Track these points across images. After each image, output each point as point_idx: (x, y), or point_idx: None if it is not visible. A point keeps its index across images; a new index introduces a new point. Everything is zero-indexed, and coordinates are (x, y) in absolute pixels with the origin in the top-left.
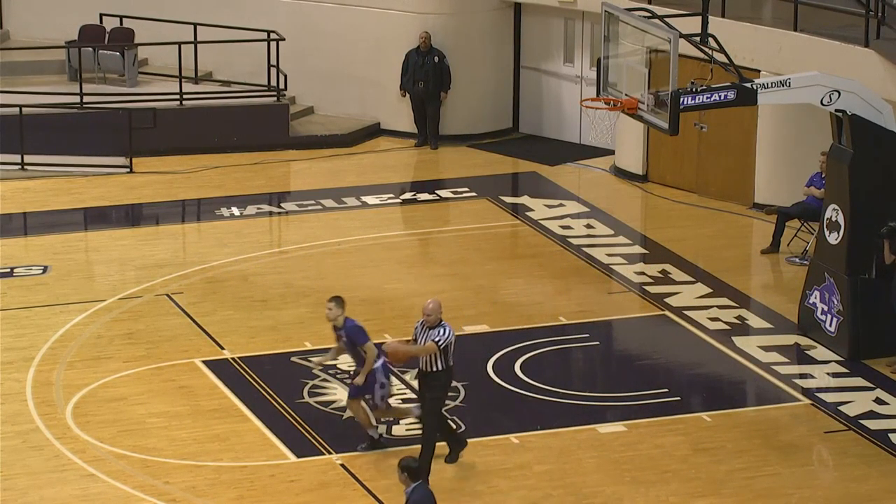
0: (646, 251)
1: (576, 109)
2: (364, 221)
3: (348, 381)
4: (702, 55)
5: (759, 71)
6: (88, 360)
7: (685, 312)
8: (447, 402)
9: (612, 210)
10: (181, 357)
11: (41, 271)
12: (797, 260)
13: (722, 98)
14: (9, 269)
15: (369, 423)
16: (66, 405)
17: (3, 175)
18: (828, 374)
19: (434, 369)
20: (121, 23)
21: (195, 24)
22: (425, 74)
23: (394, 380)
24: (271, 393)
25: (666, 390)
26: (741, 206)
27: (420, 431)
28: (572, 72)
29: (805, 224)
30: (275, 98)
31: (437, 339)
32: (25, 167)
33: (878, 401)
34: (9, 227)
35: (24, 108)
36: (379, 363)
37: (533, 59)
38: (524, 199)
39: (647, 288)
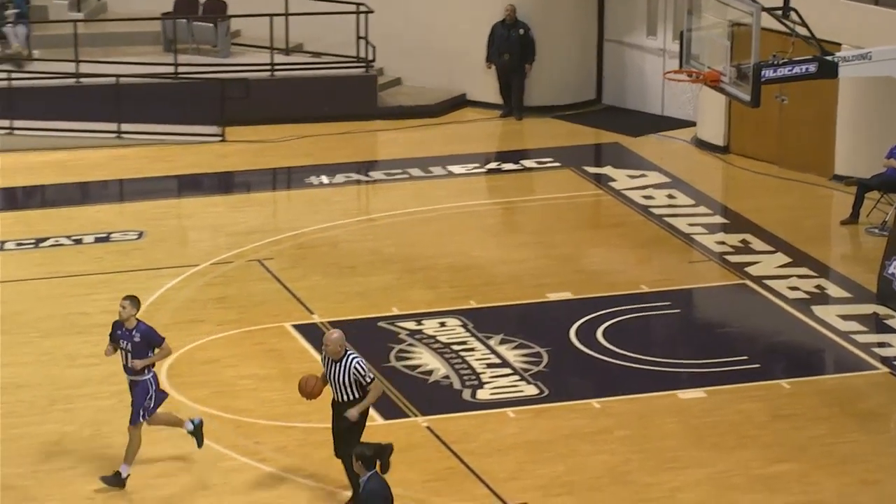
0: (726, 221)
1: (658, 81)
2: (450, 190)
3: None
4: (783, 29)
5: (840, 44)
6: (182, 324)
7: (765, 281)
8: None
9: (694, 181)
10: (272, 321)
11: (137, 236)
12: (876, 231)
13: (803, 71)
14: (106, 235)
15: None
16: (160, 366)
17: (100, 143)
18: None
19: (348, 398)
20: None
21: None
22: (510, 47)
23: (477, 345)
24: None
25: (746, 358)
26: (821, 178)
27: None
28: (655, 44)
29: (885, 195)
30: (363, 69)
31: (367, 378)
32: (122, 136)
33: None
34: (105, 194)
35: (120, 79)
36: (150, 375)
37: (616, 32)
38: (607, 170)
39: (727, 257)
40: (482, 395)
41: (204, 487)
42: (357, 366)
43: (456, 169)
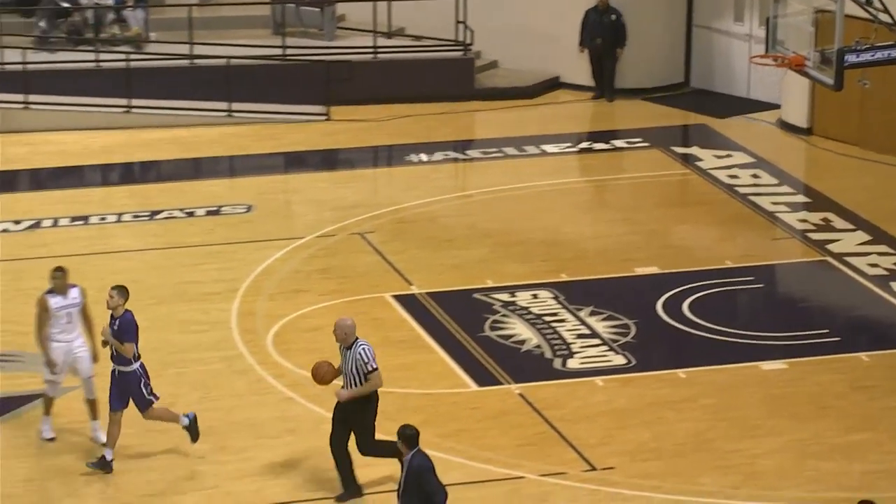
0: (809, 200)
1: (744, 66)
2: (543, 168)
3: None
4: (866, 16)
5: None
6: (287, 293)
7: (845, 258)
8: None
9: (778, 161)
10: (372, 291)
11: (246, 210)
12: None
13: (885, 56)
14: (216, 208)
15: (113, 443)
16: (266, 333)
17: (212, 121)
18: None
19: (352, 387)
20: None
21: None
22: (603, 31)
23: (568, 317)
24: (455, 326)
25: (826, 331)
26: None
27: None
28: (742, 30)
29: None
30: (462, 52)
31: (371, 366)
32: (232, 114)
33: None
34: (217, 170)
35: (231, 60)
36: (136, 364)
37: (705, 18)
38: (694, 150)
39: (809, 234)
40: (572, 364)
41: (312, 448)
42: (362, 352)
43: (549, 148)
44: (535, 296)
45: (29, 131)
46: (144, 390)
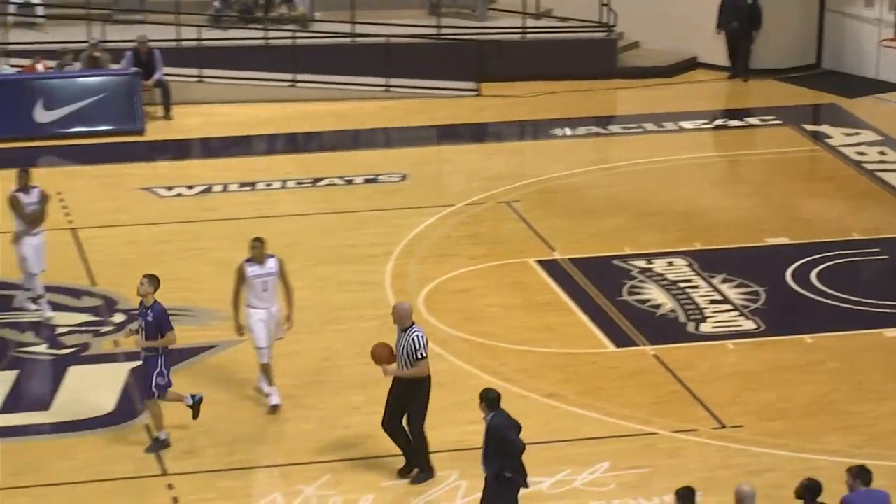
0: None
1: (874, 48)
2: (680, 143)
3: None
4: None
5: None
6: (438, 257)
7: None
8: None
9: None
10: (517, 256)
11: (400, 178)
12: None
13: None
14: (374, 176)
15: (160, 425)
16: (418, 294)
17: (370, 96)
18: None
19: (406, 369)
20: None
21: None
22: (739, 15)
23: (701, 283)
24: (594, 290)
25: None
26: None
27: None
28: (872, 14)
29: None
30: (605, 33)
31: (421, 354)
32: (389, 89)
33: None
34: (374, 140)
35: (390, 39)
36: (161, 355)
37: (837, 3)
38: (824, 128)
39: None
40: (704, 328)
41: (459, 402)
42: (416, 338)
43: (686, 124)
44: (670, 263)
45: (202, 103)
46: (154, 380)
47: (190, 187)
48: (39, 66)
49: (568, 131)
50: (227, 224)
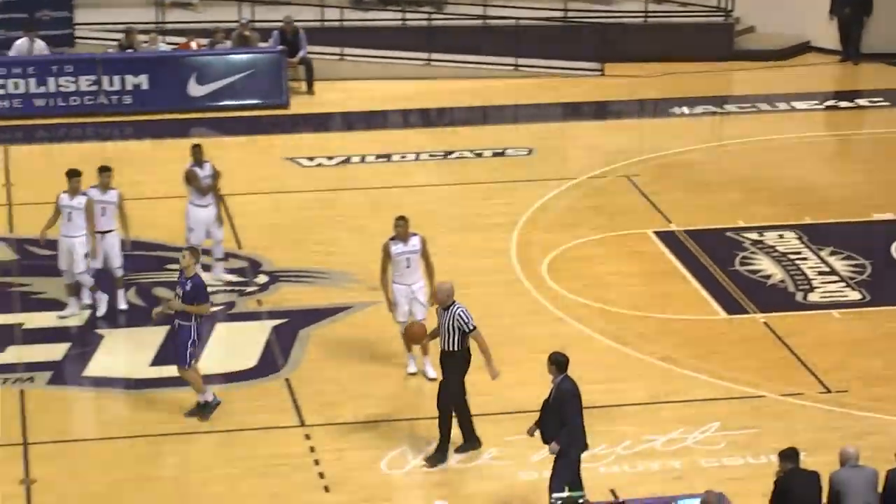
0: None
1: None
2: (792, 123)
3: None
4: None
5: None
6: (561, 226)
7: None
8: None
9: None
10: (636, 228)
11: (527, 153)
12: None
13: None
14: (502, 150)
15: (201, 388)
16: (542, 261)
17: (500, 74)
18: None
19: (451, 349)
20: None
21: None
22: (851, 2)
23: (810, 255)
24: (708, 261)
25: None
26: None
27: None
28: None
29: None
30: (723, 18)
31: (470, 327)
32: (518, 68)
33: None
34: (502, 116)
35: (519, 21)
36: (194, 323)
37: None
38: None
39: None
40: (812, 297)
41: (577, 363)
42: (460, 314)
43: (798, 105)
44: (780, 236)
45: (343, 80)
46: (189, 348)
47: (330, 158)
48: (193, 44)
49: (686, 110)
50: (364, 193)
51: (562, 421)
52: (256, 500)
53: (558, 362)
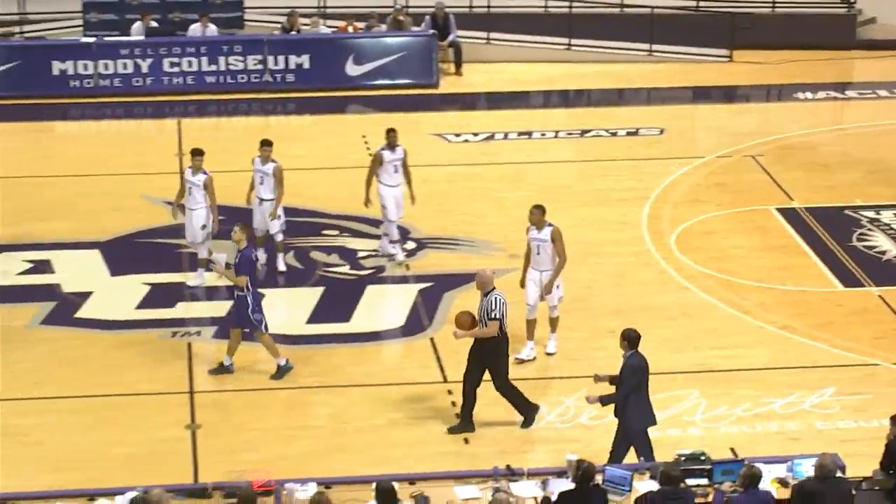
0: None
1: None
2: None
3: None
4: None
5: None
6: (689, 202)
7: None
8: None
9: None
10: (759, 204)
11: (658, 132)
12: None
13: None
14: (635, 130)
15: (276, 352)
16: (670, 234)
17: (635, 59)
18: None
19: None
20: None
21: None
22: None
23: None
24: (827, 236)
25: None
26: None
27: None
28: None
29: None
30: (846, 9)
31: (494, 315)
32: (652, 53)
33: None
34: (636, 98)
35: (654, 9)
36: (248, 293)
37: None
38: None
39: None
40: None
41: (703, 330)
42: (493, 300)
43: None
44: None
45: (489, 62)
46: (253, 318)
47: (475, 134)
48: (351, 28)
49: (808, 95)
50: (506, 168)
51: (620, 390)
52: (400, 450)
53: (630, 338)
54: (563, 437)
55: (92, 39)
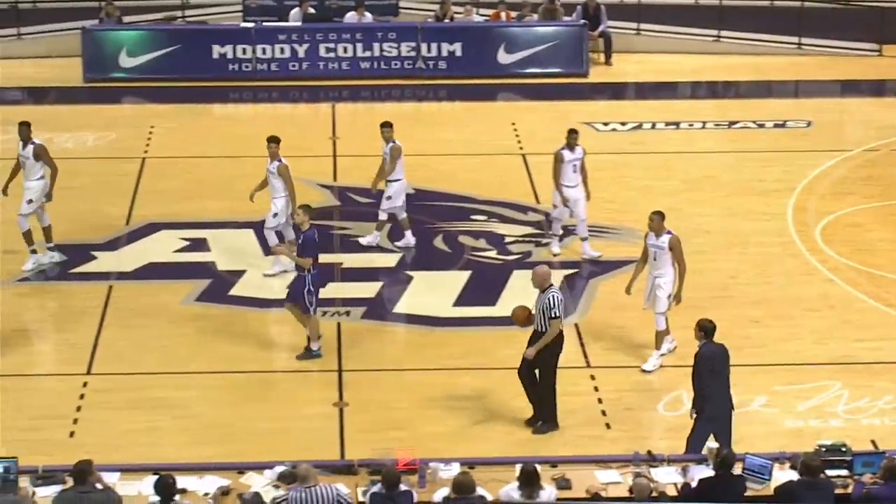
0: None
1: None
2: None
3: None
4: None
5: None
6: (834, 194)
7: None
8: None
9: None
10: None
11: (806, 125)
12: None
13: None
14: (782, 122)
15: (315, 336)
16: (815, 226)
17: (783, 52)
18: None
19: (543, 330)
20: None
21: None
22: None
23: None
24: None
25: None
26: None
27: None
28: None
29: None
30: None
31: (554, 313)
32: (801, 47)
33: None
34: (784, 90)
35: (804, 3)
36: (309, 275)
37: None
38: None
39: None
40: None
41: (845, 321)
42: (551, 298)
43: None
44: None
45: (638, 52)
46: (307, 297)
47: (623, 124)
48: (503, 15)
49: None
50: (653, 157)
51: (693, 380)
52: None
53: (705, 328)
54: None
55: (251, 25)
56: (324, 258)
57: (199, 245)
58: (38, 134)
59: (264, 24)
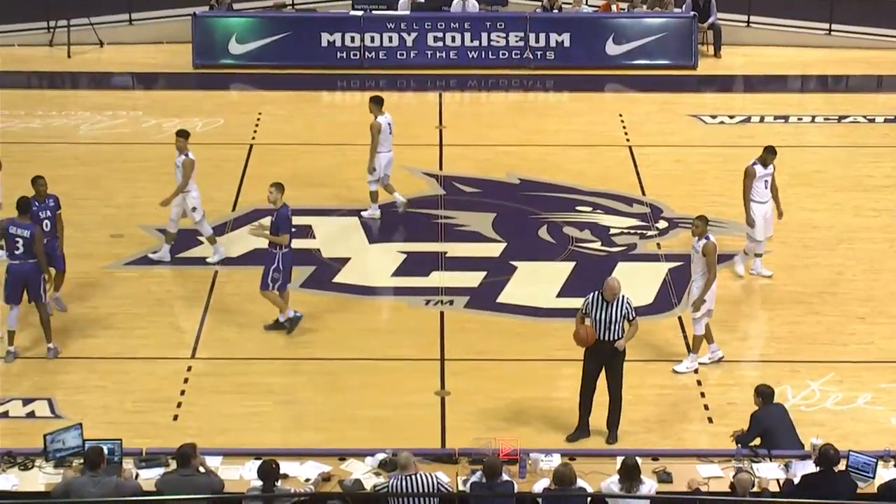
0: None
1: None
2: None
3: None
4: None
5: None
6: None
7: None
8: None
9: None
10: None
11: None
12: None
13: None
14: (894, 117)
15: (282, 309)
16: None
17: (892, 45)
18: None
19: (616, 336)
20: None
21: None
22: None
23: None
24: None
25: None
26: None
27: None
28: None
29: None
30: None
31: (632, 315)
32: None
33: None
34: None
35: None
36: (280, 252)
37: None
38: None
39: None
40: None
41: None
42: (629, 302)
43: None
44: None
45: (748, 45)
46: (272, 274)
47: (731, 117)
48: (613, 7)
49: None
50: (761, 151)
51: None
52: (643, 426)
53: (765, 394)
54: (807, 420)
55: (360, 13)
56: (429, 247)
57: (304, 231)
58: (146, 119)
59: (373, 12)
